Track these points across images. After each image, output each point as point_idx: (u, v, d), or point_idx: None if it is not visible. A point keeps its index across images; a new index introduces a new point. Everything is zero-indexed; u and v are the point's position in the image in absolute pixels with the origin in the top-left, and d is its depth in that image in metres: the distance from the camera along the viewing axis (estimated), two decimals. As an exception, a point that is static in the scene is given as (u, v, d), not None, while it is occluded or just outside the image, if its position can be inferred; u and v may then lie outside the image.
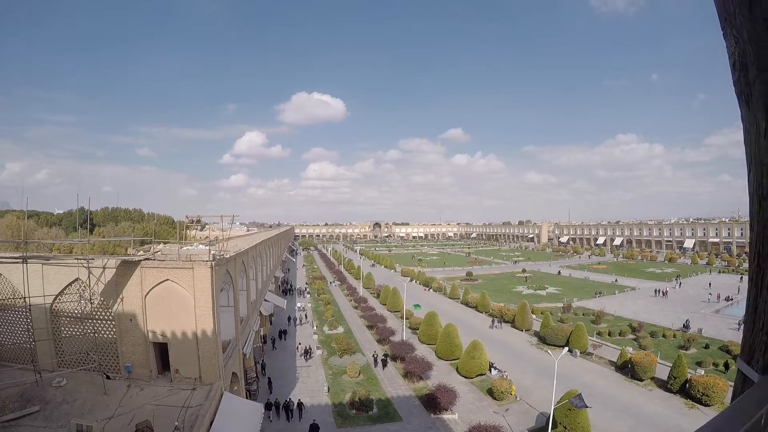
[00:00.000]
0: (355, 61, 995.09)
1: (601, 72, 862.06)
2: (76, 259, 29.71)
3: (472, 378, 50.16)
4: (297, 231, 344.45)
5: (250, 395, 43.34)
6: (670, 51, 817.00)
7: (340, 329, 71.35)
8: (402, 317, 70.91)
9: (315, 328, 71.59)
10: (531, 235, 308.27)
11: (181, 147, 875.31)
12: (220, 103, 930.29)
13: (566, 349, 43.91)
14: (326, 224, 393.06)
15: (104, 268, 29.39)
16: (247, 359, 44.74)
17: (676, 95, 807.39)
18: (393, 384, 49.02)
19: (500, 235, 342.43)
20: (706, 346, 59.52)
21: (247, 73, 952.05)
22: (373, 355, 57.98)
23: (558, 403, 35.97)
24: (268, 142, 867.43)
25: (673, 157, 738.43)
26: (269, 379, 47.02)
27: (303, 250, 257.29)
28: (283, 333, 65.11)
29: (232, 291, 38.11)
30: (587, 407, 34.24)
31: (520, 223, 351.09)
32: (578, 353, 56.31)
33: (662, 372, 48.29)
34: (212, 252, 31.38)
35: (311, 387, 47.77)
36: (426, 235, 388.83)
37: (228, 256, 35.34)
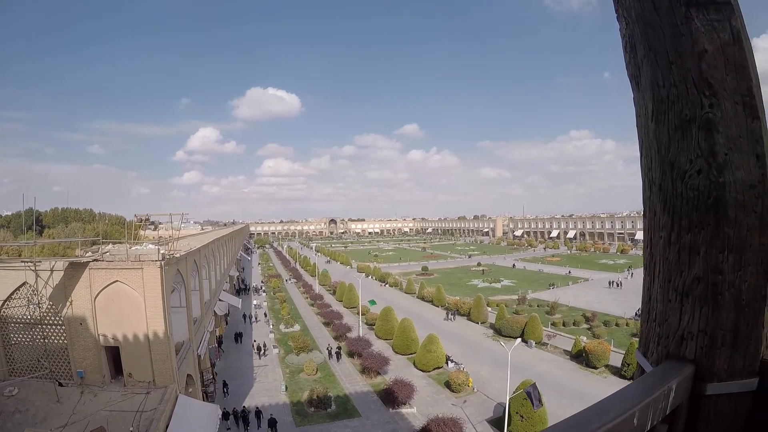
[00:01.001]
0: (311, 56, 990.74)
1: (555, 69, 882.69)
2: (23, 262, 28.85)
3: (429, 371, 50.63)
4: (252, 229, 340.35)
5: (207, 397, 42.82)
6: (620, 48, 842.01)
7: (297, 327, 71.03)
8: (358, 313, 71.03)
9: (271, 326, 71.06)
10: (486, 230, 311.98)
11: (134, 144, 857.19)
12: (173, 97, 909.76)
13: (518, 340, 44.71)
14: (282, 221, 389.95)
15: (52, 270, 28.61)
16: (203, 360, 44.21)
17: (628, 92, 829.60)
18: (351, 380, 49.12)
19: (456, 229, 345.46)
20: (658, 333, 61.03)
21: (201, 66, 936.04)
22: (327, 348, 58.42)
23: (514, 393, 36.59)
24: (222, 138, 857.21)
25: (624, 152, 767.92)
26: (224, 382, 46.26)
27: (258, 248, 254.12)
28: (239, 336, 64.35)
29: (183, 291, 37.61)
30: (541, 405, 34.82)
31: (475, 217, 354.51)
32: (534, 344, 57.43)
33: (616, 359, 49.65)
34: (162, 251, 30.89)
35: (269, 386, 47.49)
36: (382, 231, 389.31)
37: (178, 255, 34.85)
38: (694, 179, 2.50)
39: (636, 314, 70.36)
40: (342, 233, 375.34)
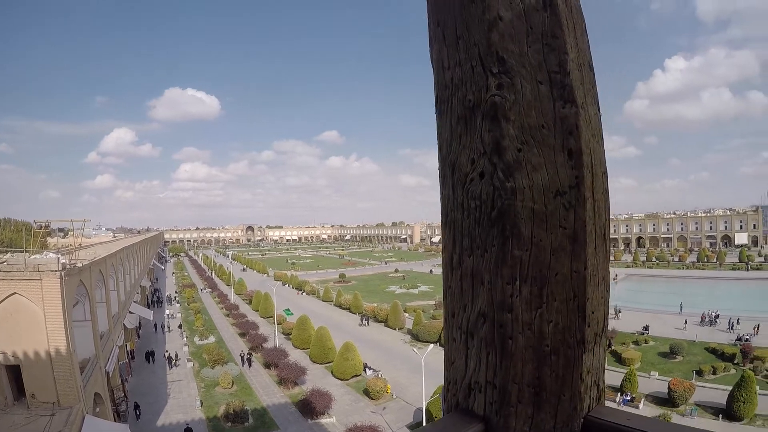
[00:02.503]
0: (232, 57, 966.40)
1: None
2: None
3: (347, 380, 50.69)
4: (167, 236, 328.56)
5: (119, 416, 41.18)
6: None
7: (212, 339, 69.33)
8: (275, 323, 70.26)
9: (185, 338, 69.11)
10: (404, 236, 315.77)
11: (44, 143, 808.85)
12: (88, 94, 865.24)
13: (431, 345, 45.48)
14: (198, 228, 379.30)
15: (-58, 283, 26.87)
16: (112, 377, 42.48)
17: None
18: (268, 392, 48.46)
19: (374, 236, 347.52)
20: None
21: (117, 62, 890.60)
22: (240, 355, 57.94)
23: (432, 397, 37.13)
24: (137, 140, 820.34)
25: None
26: (136, 404, 43.93)
27: (173, 256, 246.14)
28: (150, 353, 61.66)
29: (88, 303, 36.08)
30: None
31: (394, 224, 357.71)
32: (451, 348, 58.28)
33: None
34: (62, 261, 29.52)
35: (183, 402, 46.11)
36: (300, 238, 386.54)
37: (81, 265, 33.41)
38: (475, 185, 2.01)
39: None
40: (259, 240, 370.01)
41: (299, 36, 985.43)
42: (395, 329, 71.66)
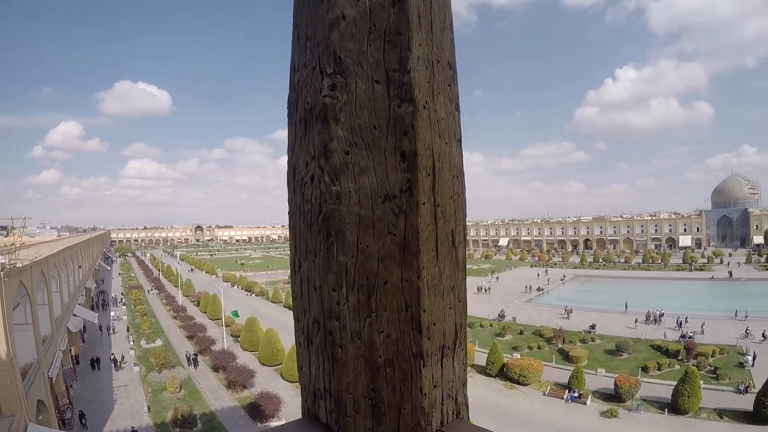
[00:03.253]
0: (186, 51, 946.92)
1: None
2: None
3: (297, 381, 50.13)
4: (114, 236, 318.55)
5: (64, 424, 40.05)
6: (494, 72, 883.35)
7: (159, 342, 67.85)
8: (223, 325, 69.34)
9: (132, 342, 67.53)
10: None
11: None
12: (33, 84, 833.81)
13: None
14: (146, 228, 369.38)
15: None
16: (56, 383, 41.29)
17: (497, 110, 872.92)
18: (216, 396, 47.83)
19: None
20: (521, 332, 66.36)
21: (65, 51, 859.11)
22: (186, 355, 57.37)
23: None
24: (85, 134, 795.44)
25: (491, 165, 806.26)
26: (81, 413, 42.56)
27: (120, 256, 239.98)
28: (96, 360, 59.82)
29: (29, 306, 35.03)
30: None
31: None
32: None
33: (482, 359, 52.16)
34: (1, 260, 28.62)
35: (130, 408, 45.06)
36: (250, 238, 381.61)
37: (21, 265, 32.41)
38: (307, 188, 2.00)
39: (499, 315, 74.08)
40: (209, 240, 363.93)
41: (254, 32, 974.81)
42: None
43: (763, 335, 60.39)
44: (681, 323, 67.57)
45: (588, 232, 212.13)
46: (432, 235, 1.89)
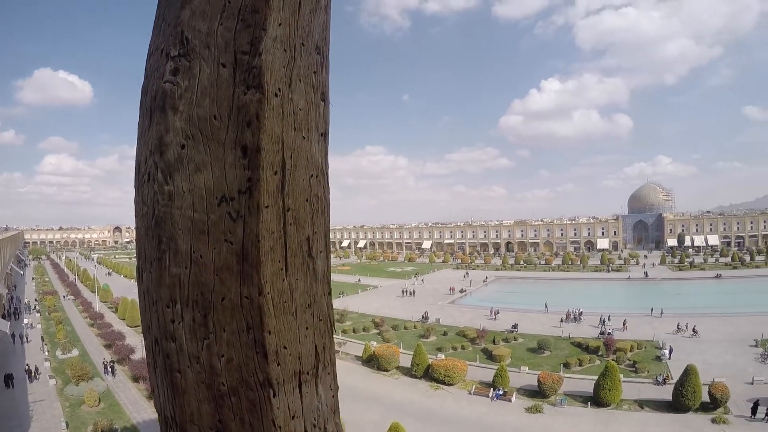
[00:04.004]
0: (109, 41, 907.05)
1: (359, 87, 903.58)
2: None
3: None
4: (27, 236, 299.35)
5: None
6: (423, 77, 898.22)
7: (75, 352, 63.90)
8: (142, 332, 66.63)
9: (47, 353, 63.45)
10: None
11: None
12: None
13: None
14: (61, 228, 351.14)
15: None
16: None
17: (424, 116, 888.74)
18: (138, 408, 45.27)
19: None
20: (445, 333, 66.46)
21: None
22: (103, 363, 54.91)
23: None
24: (0, 125, 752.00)
25: (415, 169, 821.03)
26: None
27: (33, 259, 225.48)
28: (9, 376, 55.37)
29: None
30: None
31: None
32: (326, 352, 57.69)
33: (406, 360, 51.74)
34: None
35: (47, 425, 41.80)
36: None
37: None
38: (144, 188, 1.71)
39: (423, 317, 74.26)
40: (128, 242, 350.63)
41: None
42: None
43: (694, 330, 63.33)
44: (604, 321, 69.57)
45: (510, 235, 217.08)
46: (279, 244, 1.62)
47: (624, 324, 67.30)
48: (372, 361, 53.32)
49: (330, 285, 1.91)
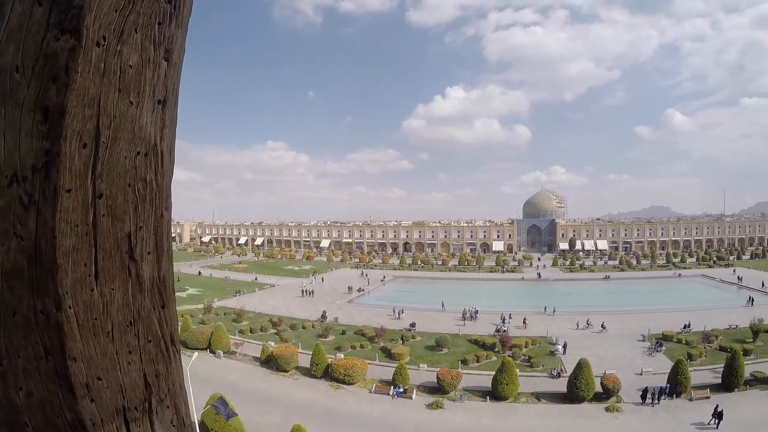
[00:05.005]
0: None
1: (264, 79, 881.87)
2: None
3: None
4: None
5: None
6: (330, 75, 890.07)
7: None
8: None
9: None
10: (173, 235, 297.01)
11: None
12: None
13: (196, 353, 43.12)
14: None
15: None
16: None
17: (328, 114, 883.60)
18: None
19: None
20: (343, 333, 66.38)
21: None
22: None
23: (205, 408, 35.06)
24: None
25: (316, 167, 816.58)
26: None
27: None
28: None
29: None
30: (235, 415, 33.89)
31: None
32: (222, 354, 56.21)
33: (305, 360, 51.17)
34: None
35: None
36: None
37: None
38: None
39: (321, 316, 73.87)
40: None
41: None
42: None
43: (602, 326, 67.80)
44: (504, 319, 72.01)
45: (408, 235, 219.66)
46: (85, 242, 1.27)
47: (524, 322, 70.29)
48: (270, 361, 52.30)
49: (167, 296, 1.53)
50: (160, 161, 1.44)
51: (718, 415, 37.27)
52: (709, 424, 37.66)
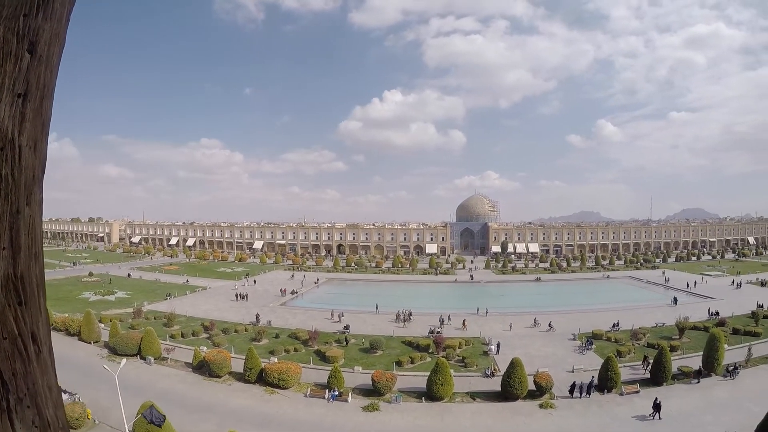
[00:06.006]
0: None
1: (201, 75, 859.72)
2: None
3: (32, 407, 44.21)
4: None
5: None
6: (269, 73, 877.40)
7: None
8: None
9: None
10: (101, 234, 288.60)
11: None
12: None
13: (124, 360, 42.09)
14: None
15: None
16: None
17: (264, 113, 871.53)
18: None
19: (68, 233, 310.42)
20: (277, 336, 65.86)
21: None
22: None
23: (136, 417, 34.08)
24: None
25: (251, 167, 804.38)
26: None
27: None
28: None
29: None
30: (163, 419, 33.08)
31: (91, 220, 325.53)
32: (153, 360, 54.78)
33: (239, 365, 50.51)
34: None
35: None
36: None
37: None
38: None
39: (256, 320, 73.18)
40: None
41: None
42: (90, 343, 63.63)
43: (549, 325, 70.71)
44: (443, 321, 73.15)
45: (342, 237, 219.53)
46: None
47: (464, 323, 71.41)
48: (203, 367, 51.31)
49: (26, 293, 1.52)
50: (17, 156, 1.45)
51: (656, 407, 39.68)
52: (649, 416, 39.78)
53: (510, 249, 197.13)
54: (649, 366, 49.58)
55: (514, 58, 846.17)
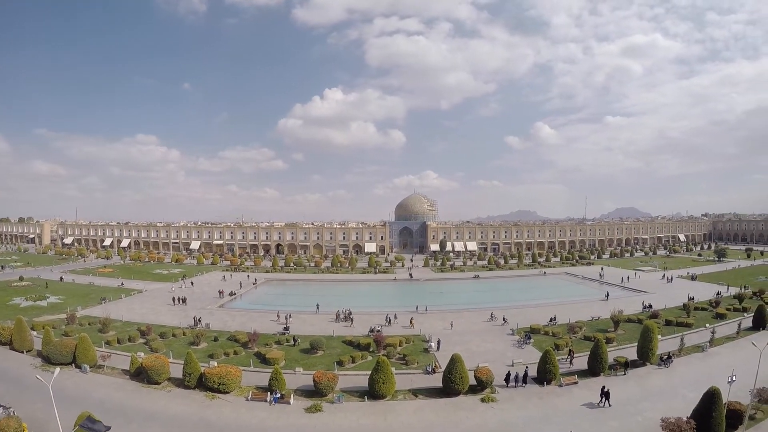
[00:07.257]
0: None
1: (139, 68, 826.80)
2: None
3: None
4: None
5: None
6: (208, 68, 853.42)
7: None
8: None
9: None
10: (32, 235, 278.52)
11: None
12: None
13: (58, 369, 40.64)
14: None
15: None
16: None
17: (203, 108, 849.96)
18: None
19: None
20: (216, 339, 65.33)
21: None
22: None
23: (73, 429, 33.10)
24: None
25: (187, 164, 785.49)
26: None
27: None
28: None
29: None
30: (108, 428, 32.36)
31: (21, 220, 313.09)
32: (88, 368, 53.07)
33: (178, 371, 49.60)
34: None
35: None
36: None
37: None
38: None
39: (195, 323, 72.07)
40: None
41: None
42: (23, 352, 60.97)
43: (504, 319, 74.02)
44: (390, 320, 74.33)
45: (280, 237, 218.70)
46: None
47: (411, 322, 72.75)
48: (141, 374, 49.91)
49: None
50: None
51: (605, 395, 41.74)
52: (599, 404, 41.64)
53: (449, 247, 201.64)
54: (573, 360, 52.71)
55: (456, 61, 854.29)
